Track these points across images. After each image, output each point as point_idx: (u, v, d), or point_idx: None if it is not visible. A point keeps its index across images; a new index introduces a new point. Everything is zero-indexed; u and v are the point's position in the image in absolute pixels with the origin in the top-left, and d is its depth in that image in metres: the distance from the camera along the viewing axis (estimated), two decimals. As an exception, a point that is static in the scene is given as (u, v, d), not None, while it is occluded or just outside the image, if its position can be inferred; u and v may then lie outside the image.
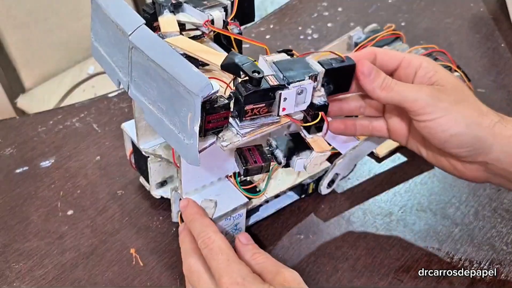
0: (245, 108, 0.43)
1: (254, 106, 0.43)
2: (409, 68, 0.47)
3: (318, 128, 0.50)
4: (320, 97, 0.47)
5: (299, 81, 0.44)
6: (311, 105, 0.47)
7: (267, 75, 0.44)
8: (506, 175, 0.46)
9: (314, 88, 0.46)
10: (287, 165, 0.51)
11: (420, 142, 0.52)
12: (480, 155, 0.46)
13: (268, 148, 0.52)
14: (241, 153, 0.50)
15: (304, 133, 0.51)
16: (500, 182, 0.49)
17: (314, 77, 0.45)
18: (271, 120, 0.45)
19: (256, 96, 0.43)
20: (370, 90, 0.47)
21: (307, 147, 0.51)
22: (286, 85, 0.44)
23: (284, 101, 0.44)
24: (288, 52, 0.49)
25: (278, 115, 0.45)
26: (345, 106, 0.54)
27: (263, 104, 0.43)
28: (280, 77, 0.44)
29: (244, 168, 0.49)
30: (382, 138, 0.57)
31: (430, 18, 0.95)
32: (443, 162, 0.51)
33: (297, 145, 0.51)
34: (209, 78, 0.39)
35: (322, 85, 0.47)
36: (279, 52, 0.49)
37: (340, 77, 0.48)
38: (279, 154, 0.51)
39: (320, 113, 0.47)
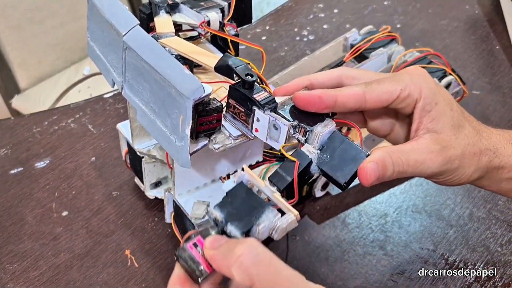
0: (229, 100, 0.43)
1: (235, 105, 0.43)
2: (409, 98, 0.44)
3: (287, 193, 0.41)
4: (310, 153, 0.41)
5: (282, 117, 0.41)
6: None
7: (263, 93, 0.42)
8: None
9: (298, 139, 0.42)
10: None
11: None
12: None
13: (213, 225, 0.38)
14: None
15: (269, 189, 0.40)
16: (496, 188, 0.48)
17: (303, 130, 0.41)
18: (246, 133, 0.44)
19: (237, 95, 0.42)
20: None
21: (263, 207, 0.38)
22: (263, 107, 0.41)
23: (257, 121, 0.42)
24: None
25: (251, 131, 0.43)
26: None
27: (242, 109, 0.43)
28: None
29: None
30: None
31: (426, 20, 0.96)
32: None
33: (251, 207, 0.38)
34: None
35: (320, 151, 0.41)
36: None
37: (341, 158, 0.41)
38: (234, 230, 0.37)
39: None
